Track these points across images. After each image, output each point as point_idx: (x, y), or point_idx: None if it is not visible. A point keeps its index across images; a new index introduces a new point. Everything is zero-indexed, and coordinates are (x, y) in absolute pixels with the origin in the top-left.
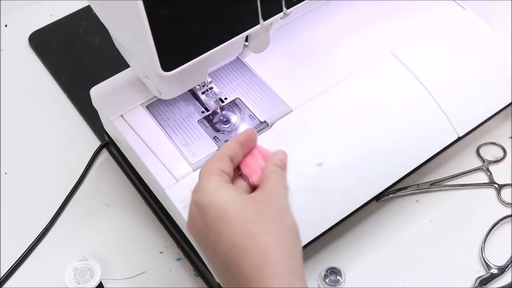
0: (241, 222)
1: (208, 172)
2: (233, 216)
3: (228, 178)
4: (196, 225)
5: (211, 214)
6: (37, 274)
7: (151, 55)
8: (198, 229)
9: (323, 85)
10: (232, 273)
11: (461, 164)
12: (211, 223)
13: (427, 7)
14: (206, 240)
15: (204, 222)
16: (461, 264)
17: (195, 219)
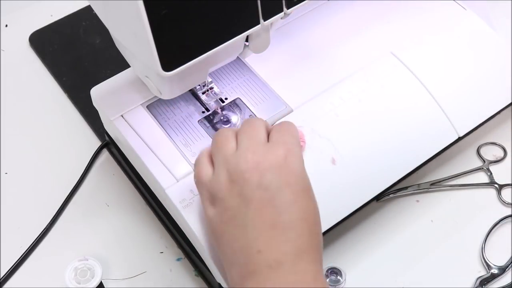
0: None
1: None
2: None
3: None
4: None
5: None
6: (38, 274)
7: (151, 55)
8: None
9: (323, 85)
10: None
11: (462, 164)
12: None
13: (427, 7)
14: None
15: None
16: (461, 264)
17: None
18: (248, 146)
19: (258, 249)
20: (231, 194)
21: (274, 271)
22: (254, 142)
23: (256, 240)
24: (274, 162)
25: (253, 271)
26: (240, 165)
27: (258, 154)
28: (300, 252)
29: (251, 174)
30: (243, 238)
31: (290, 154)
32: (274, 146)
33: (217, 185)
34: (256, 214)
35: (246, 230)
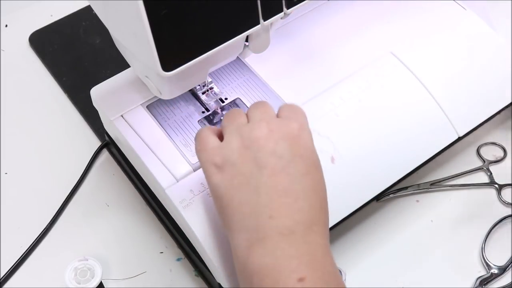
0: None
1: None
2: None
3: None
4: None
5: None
6: (38, 274)
7: (151, 55)
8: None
9: (323, 85)
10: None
11: (462, 164)
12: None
13: (427, 7)
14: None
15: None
16: (461, 264)
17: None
18: (261, 118)
19: (270, 214)
20: (244, 159)
21: (286, 239)
22: (266, 116)
23: (268, 205)
24: (288, 133)
25: (263, 237)
26: (255, 131)
27: (272, 124)
28: (311, 224)
29: (266, 140)
30: (255, 202)
31: (302, 129)
32: (287, 120)
33: (228, 151)
34: (269, 179)
35: (258, 195)
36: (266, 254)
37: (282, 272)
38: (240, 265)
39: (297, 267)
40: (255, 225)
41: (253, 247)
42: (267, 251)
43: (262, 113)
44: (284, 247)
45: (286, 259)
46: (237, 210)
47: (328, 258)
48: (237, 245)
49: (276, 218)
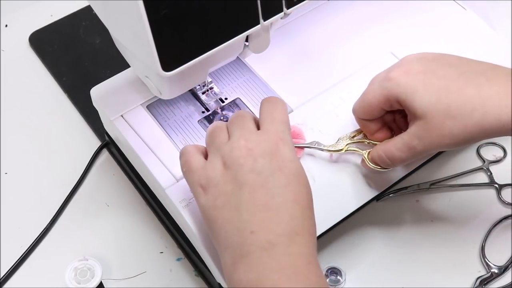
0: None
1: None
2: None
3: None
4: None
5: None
6: (38, 274)
7: (151, 55)
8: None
9: (323, 85)
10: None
11: (461, 164)
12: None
13: (427, 7)
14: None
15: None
16: (461, 264)
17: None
18: (240, 135)
19: (251, 230)
20: (225, 179)
21: (267, 252)
22: (245, 131)
23: (249, 221)
24: (267, 149)
25: (246, 252)
26: (234, 151)
27: (251, 141)
28: (293, 234)
29: (244, 159)
30: (236, 220)
31: (281, 143)
32: (265, 134)
33: (212, 172)
34: (249, 196)
35: (239, 212)
36: (249, 269)
37: (265, 287)
38: (228, 282)
39: (278, 280)
40: (238, 242)
41: (237, 264)
42: (250, 267)
43: (240, 129)
44: (266, 262)
45: (268, 274)
46: (222, 229)
47: (312, 268)
48: (224, 263)
49: (257, 232)
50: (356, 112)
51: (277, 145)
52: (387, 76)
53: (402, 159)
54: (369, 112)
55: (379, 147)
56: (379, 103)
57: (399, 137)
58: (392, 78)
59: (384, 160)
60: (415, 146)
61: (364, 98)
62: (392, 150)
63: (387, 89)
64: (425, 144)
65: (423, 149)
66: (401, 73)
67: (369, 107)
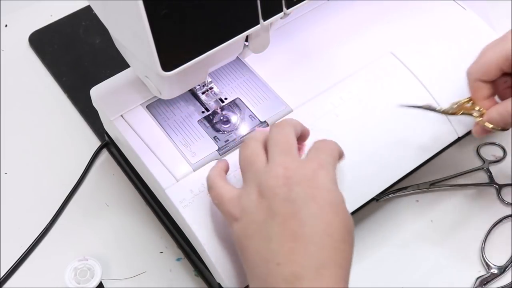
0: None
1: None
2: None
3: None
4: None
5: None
6: (37, 274)
7: (151, 55)
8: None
9: (323, 85)
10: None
11: (461, 164)
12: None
13: (427, 7)
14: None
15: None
16: (461, 264)
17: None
18: (280, 162)
19: (278, 261)
20: (259, 208)
21: (291, 285)
22: (286, 158)
23: (277, 252)
24: (303, 176)
25: (270, 284)
26: (271, 180)
27: (290, 170)
28: (321, 267)
29: (280, 188)
30: (265, 250)
31: (320, 168)
32: (306, 162)
33: (247, 202)
34: (280, 226)
35: (269, 243)
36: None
37: None
38: None
39: None
40: (264, 273)
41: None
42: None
43: (281, 153)
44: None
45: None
46: (251, 259)
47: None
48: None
49: (283, 264)
50: (472, 72)
51: (315, 172)
52: (506, 35)
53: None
54: (487, 72)
55: (499, 105)
56: (498, 62)
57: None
58: (509, 38)
59: (505, 119)
60: None
61: (482, 58)
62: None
63: (505, 50)
64: None
65: None
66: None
67: (488, 67)
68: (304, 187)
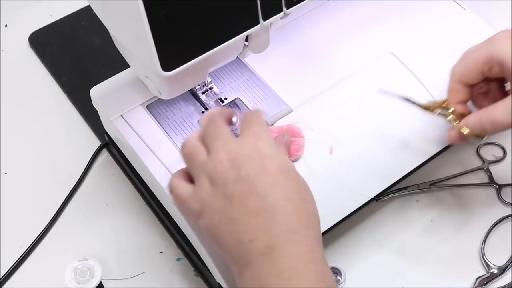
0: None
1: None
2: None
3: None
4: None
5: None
6: (37, 274)
7: (151, 55)
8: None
9: (323, 85)
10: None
11: (461, 164)
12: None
13: (427, 7)
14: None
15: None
16: (461, 264)
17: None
18: (218, 147)
19: (249, 238)
20: (215, 196)
21: (267, 257)
22: (223, 142)
23: (246, 230)
24: (247, 153)
25: (247, 262)
26: (217, 167)
27: (231, 151)
28: (290, 233)
29: (228, 172)
30: (235, 232)
31: (259, 142)
32: (243, 139)
33: (202, 193)
34: (241, 205)
35: (236, 224)
36: (253, 277)
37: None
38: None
39: (278, 284)
40: (239, 252)
41: (242, 274)
42: (253, 275)
43: (217, 139)
44: (266, 267)
45: (268, 279)
46: (224, 244)
47: (312, 266)
48: (234, 276)
49: (255, 240)
50: (455, 72)
51: (256, 146)
52: (490, 38)
53: (504, 123)
54: (468, 74)
55: (479, 112)
56: (480, 65)
57: (502, 101)
58: (496, 40)
59: (484, 126)
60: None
61: (465, 59)
62: (495, 114)
63: (490, 50)
64: None
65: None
66: (506, 36)
67: (470, 68)
68: (251, 163)
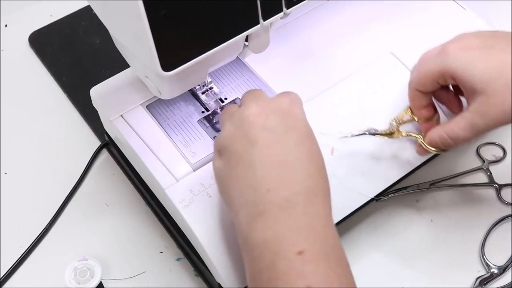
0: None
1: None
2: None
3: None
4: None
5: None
6: (37, 274)
7: (151, 55)
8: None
9: (323, 85)
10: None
11: (461, 164)
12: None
13: (427, 7)
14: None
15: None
16: (461, 264)
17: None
18: (252, 100)
19: (267, 187)
20: (236, 139)
21: (285, 211)
22: (258, 98)
23: (264, 178)
24: (278, 108)
25: (262, 211)
26: (244, 112)
27: (262, 102)
28: (310, 194)
29: (255, 117)
30: (251, 177)
31: (293, 103)
32: (277, 96)
33: (222, 137)
34: (263, 152)
35: (253, 169)
36: (266, 227)
37: (282, 245)
38: (242, 240)
39: (296, 240)
40: (254, 200)
41: (254, 222)
42: (267, 225)
43: (254, 96)
44: (283, 220)
45: (285, 232)
46: (236, 187)
47: (329, 230)
48: (239, 222)
49: (273, 191)
50: (412, 82)
51: (289, 105)
52: (443, 49)
53: (466, 138)
54: (424, 83)
55: (439, 128)
56: (433, 76)
57: (460, 116)
58: (449, 53)
59: (446, 141)
60: (477, 123)
61: (420, 69)
62: (455, 130)
63: (443, 63)
64: (487, 121)
65: (485, 127)
66: (458, 48)
67: (424, 79)
68: (281, 118)
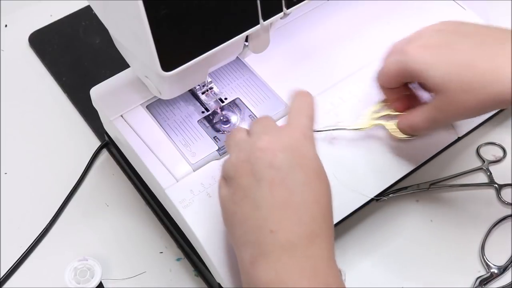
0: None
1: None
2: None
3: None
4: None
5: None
6: (37, 274)
7: (151, 55)
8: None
9: (323, 85)
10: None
11: (461, 164)
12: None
13: (427, 7)
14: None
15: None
16: (461, 264)
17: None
18: (261, 130)
19: (271, 228)
20: (242, 173)
21: (287, 253)
22: (268, 128)
23: (268, 219)
24: (288, 143)
25: (265, 251)
26: (253, 144)
27: (272, 135)
28: (313, 236)
29: (263, 152)
30: (255, 217)
31: (304, 138)
32: (288, 128)
33: (227, 165)
34: (267, 193)
35: (258, 209)
36: (269, 269)
37: (285, 286)
38: (246, 278)
39: (299, 281)
40: (257, 240)
41: (257, 262)
42: (270, 266)
43: (263, 126)
44: (286, 262)
45: (288, 274)
46: (240, 225)
47: (330, 271)
48: (241, 259)
49: (276, 232)
50: (378, 80)
51: (299, 141)
52: (403, 49)
53: (427, 129)
54: (387, 82)
55: (404, 119)
56: (395, 76)
57: (422, 109)
58: (407, 53)
59: (407, 131)
60: (437, 117)
61: (382, 69)
62: (417, 122)
63: (402, 64)
64: (446, 116)
65: (444, 121)
66: (417, 47)
67: (387, 77)
68: (288, 155)
